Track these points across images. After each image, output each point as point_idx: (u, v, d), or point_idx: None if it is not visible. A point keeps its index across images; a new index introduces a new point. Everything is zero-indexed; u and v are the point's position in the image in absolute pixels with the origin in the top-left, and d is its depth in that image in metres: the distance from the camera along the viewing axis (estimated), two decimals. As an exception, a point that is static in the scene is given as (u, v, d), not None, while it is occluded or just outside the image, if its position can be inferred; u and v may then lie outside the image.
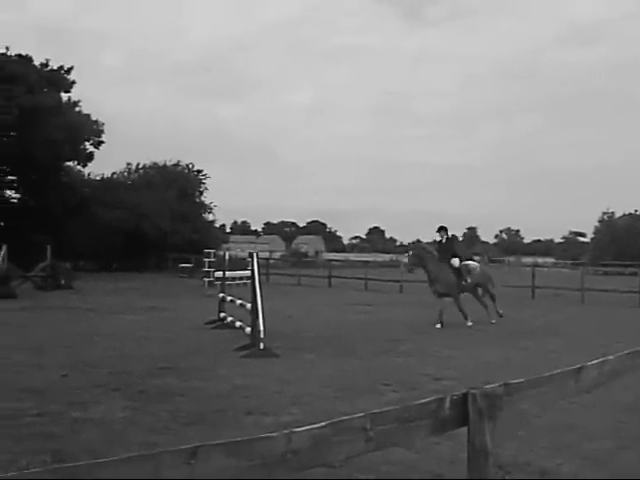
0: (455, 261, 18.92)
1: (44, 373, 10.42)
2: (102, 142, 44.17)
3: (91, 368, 10.90)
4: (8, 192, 44.71)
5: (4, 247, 26.87)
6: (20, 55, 42.18)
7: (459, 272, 18.88)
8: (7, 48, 41.49)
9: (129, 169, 54.95)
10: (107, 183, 51.81)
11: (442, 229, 19.25)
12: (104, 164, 52.10)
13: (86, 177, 50.53)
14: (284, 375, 10.70)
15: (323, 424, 2.77)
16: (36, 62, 42.70)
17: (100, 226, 45.04)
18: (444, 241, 19.18)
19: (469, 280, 19.01)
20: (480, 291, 19.87)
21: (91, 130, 43.44)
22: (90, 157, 44.50)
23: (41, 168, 40.40)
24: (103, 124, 44.05)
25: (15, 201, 44.86)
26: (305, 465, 2.70)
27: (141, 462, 2.24)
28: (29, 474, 2.06)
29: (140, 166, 55.01)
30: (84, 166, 46.38)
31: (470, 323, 18.24)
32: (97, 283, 32.87)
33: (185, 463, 2.31)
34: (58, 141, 39.73)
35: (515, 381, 3.63)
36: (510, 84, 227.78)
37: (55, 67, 43.13)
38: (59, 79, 42.79)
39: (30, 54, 42.78)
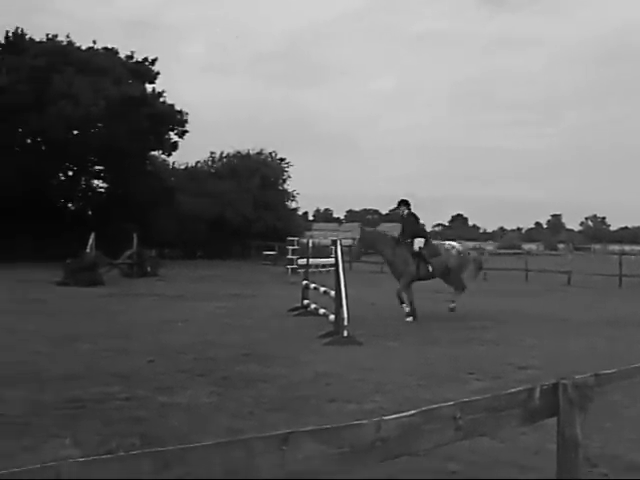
0: (417, 242, 16.80)
1: (131, 358, 10.64)
2: (186, 132, 44.70)
3: (176, 354, 11.09)
4: (96, 182, 45.75)
5: (92, 235, 27.51)
6: (106, 48, 43.00)
7: (420, 256, 16.74)
8: (94, 42, 42.40)
9: (213, 158, 55.63)
10: (191, 172, 52.55)
11: (402, 203, 17.19)
12: (188, 153, 52.89)
13: (171, 166, 51.34)
14: (367, 363, 10.69)
15: (412, 412, 2.75)
16: (121, 55, 43.49)
17: (184, 214, 45.76)
18: (405, 217, 17.18)
19: (431, 269, 16.83)
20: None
21: (175, 120, 43.99)
22: (174, 147, 45.10)
23: (127, 158, 41.16)
24: (187, 114, 44.59)
25: (102, 190, 45.85)
26: (394, 453, 2.69)
27: (233, 447, 2.26)
28: (124, 457, 2.10)
29: (223, 155, 55.63)
30: (169, 155, 47.11)
31: (409, 319, 16.25)
32: (181, 270, 33.38)
33: (277, 449, 2.32)
34: (143, 131, 40.41)
35: (606, 372, 3.55)
36: (595, 68, 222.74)
37: (140, 59, 43.84)
38: (144, 71, 43.47)
39: (116, 47, 43.64)
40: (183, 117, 44.39)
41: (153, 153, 46.20)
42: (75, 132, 40.31)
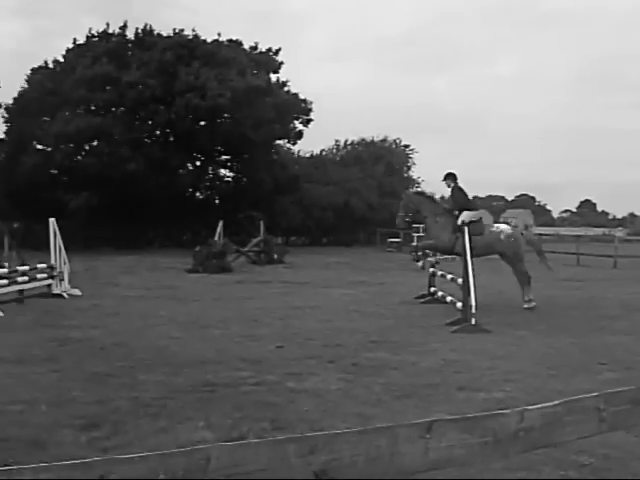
0: (464, 214, 15.40)
1: (260, 344, 10.77)
2: (311, 120, 45.10)
3: (305, 340, 11.15)
4: (222, 171, 46.69)
5: (220, 223, 28.10)
6: (231, 40, 43.80)
7: (461, 230, 14.59)
8: (219, 34, 43.28)
9: (337, 146, 55.93)
10: (316, 160, 52.97)
11: (448, 176, 16.11)
12: (313, 142, 53.36)
13: (296, 155, 51.87)
14: (496, 351, 10.47)
15: (556, 403, 2.64)
16: (246, 46, 44.19)
17: (310, 202, 46.19)
18: (452, 190, 16.01)
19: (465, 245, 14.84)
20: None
21: (300, 109, 44.43)
22: (299, 135, 45.55)
23: (253, 147, 41.84)
24: (311, 102, 44.97)
25: (229, 179, 46.76)
26: (536, 444, 2.59)
27: (377, 434, 2.21)
28: (271, 442, 2.09)
29: (348, 142, 55.84)
30: (294, 144, 47.63)
31: (421, 264, 16.06)
32: (307, 258, 33.67)
33: (420, 437, 2.26)
34: (269, 121, 40.98)
35: None
36: None
37: (264, 49, 44.44)
38: (268, 61, 44.04)
39: (240, 38, 44.38)
40: (307, 106, 44.78)
41: (278, 142, 46.78)
42: (202, 123, 41.27)
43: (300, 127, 45.25)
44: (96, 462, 1.67)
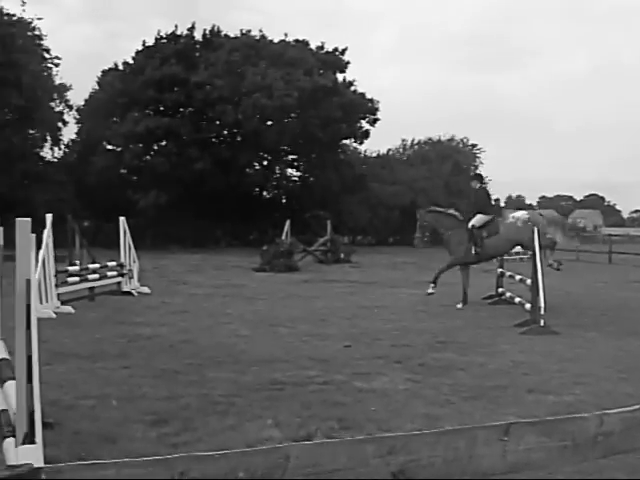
0: (475, 219, 15.59)
1: (328, 343, 10.75)
2: (377, 119, 44.96)
3: (372, 340, 11.10)
4: (290, 170, 46.88)
5: (287, 222, 28.24)
6: (297, 40, 43.95)
7: (472, 236, 15.47)
8: (285, 35, 43.49)
9: (404, 145, 55.67)
10: (383, 159, 52.81)
11: (475, 177, 16.68)
12: (379, 141, 53.20)
13: (362, 154, 51.77)
14: (565, 353, 10.28)
15: (636, 407, 2.56)
16: (312, 46, 44.30)
17: (376, 202, 46.07)
18: (476, 190, 16.23)
19: (477, 251, 15.50)
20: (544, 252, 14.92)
21: (366, 108, 44.33)
22: (366, 135, 45.45)
23: (320, 147, 41.95)
24: (378, 102, 44.83)
25: (296, 179, 46.93)
26: (615, 449, 2.51)
27: (455, 436, 2.17)
28: (350, 442, 2.07)
29: (415, 142, 55.55)
30: (360, 143, 47.53)
31: (459, 305, 15.59)
32: (374, 257, 33.60)
33: (498, 439, 2.21)
34: (335, 120, 41.02)
35: None
36: None
37: (330, 49, 44.47)
38: (334, 60, 44.06)
39: (306, 38, 44.51)
40: (374, 105, 44.67)
41: (345, 141, 46.77)
42: (269, 123, 41.48)
43: (367, 126, 45.16)
44: (177, 459, 1.67)
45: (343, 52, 44.51)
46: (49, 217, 14.15)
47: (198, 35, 43.26)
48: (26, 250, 4.07)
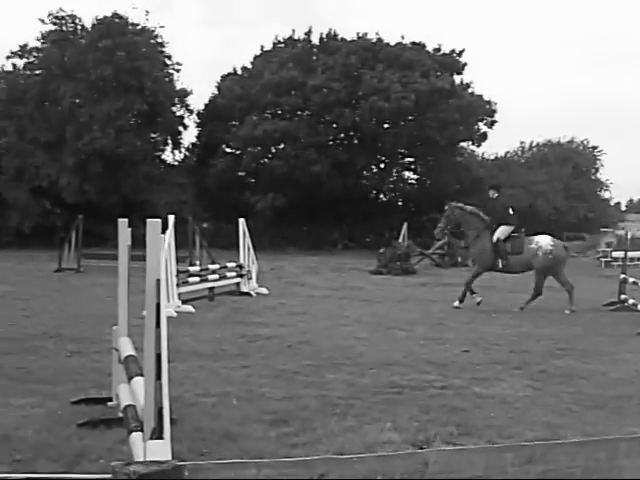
0: (499, 231, 15.71)
1: (446, 347, 10.67)
2: (495, 122, 44.22)
3: (491, 345, 10.95)
4: (406, 173, 46.63)
5: (404, 225, 28.16)
6: (414, 42, 43.70)
7: (498, 248, 15.55)
8: (402, 37, 43.31)
9: (522, 147, 54.58)
10: (501, 162, 51.92)
11: (492, 187, 16.98)
12: (497, 144, 52.31)
13: (480, 157, 51.06)
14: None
15: None
16: (429, 48, 43.97)
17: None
18: (493, 200, 16.55)
19: (505, 264, 15.64)
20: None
21: (484, 110, 43.66)
22: (484, 137, 44.75)
23: (437, 149, 41.57)
24: (496, 104, 44.09)
25: (413, 182, 46.65)
26: None
27: (596, 447, 2.11)
28: (488, 449, 2.05)
29: (533, 144, 54.42)
30: (478, 146, 46.80)
31: (456, 303, 15.71)
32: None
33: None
34: (453, 123, 40.58)
35: None
36: None
37: (447, 51, 44.05)
38: (451, 62, 43.59)
39: (423, 41, 44.19)
40: (492, 107, 43.98)
41: (462, 144, 46.23)
42: (386, 126, 41.43)
43: (485, 129, 44.47)
44: (317, 461, 1.68)
45: (460, 54, 44.02)
46: (171, 218, 14.52)
47: (315, 39, 43.61)
48: (156, 250, 4.19)
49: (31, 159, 37.87)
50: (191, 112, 43.12)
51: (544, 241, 15.94)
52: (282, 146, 41.11)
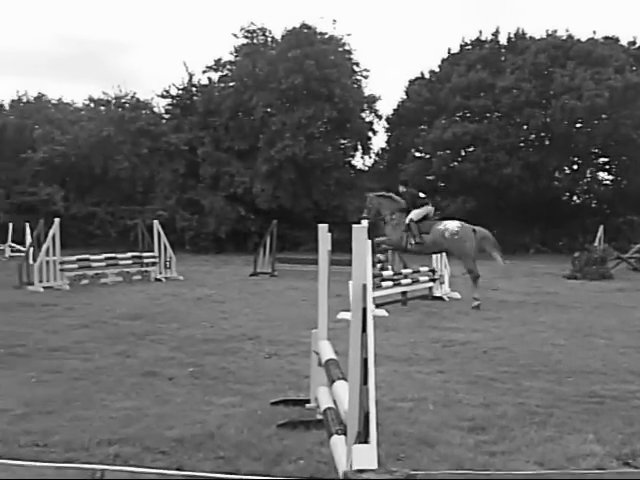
0: (412, 213, 16.91)
1: None
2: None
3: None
4: (601, 174, 44.90)
5: (600, 228, 27.24)
6: (607, 37, 42.09)
7: (410, 228, 16.68)
8: (594, 32, 41.82)
9: None
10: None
11: (402, 182, 18.96)
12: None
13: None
14: None
15: None
16: (623, 41, 42.20)
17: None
18: (402, 193, 17.77)
19: (415, 243, 16.59)
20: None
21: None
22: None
23: (633, 148, 39.71)
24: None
25: (608, 183, 44.88)
26: None
27: None
28: None
29: None
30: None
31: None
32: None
33: None
34: (648, 119, 38.79)
35: None
36: None
37: (642, 44, 42.11)
38: (647, 56, 41.65)
39: (616, 35, 42.46)
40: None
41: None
42: (578, 125, 40.13)
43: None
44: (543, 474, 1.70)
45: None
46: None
47: (503, 39, 42.89)
48: (362, 255, 4.32)
49: (226, 167, 39.62)
50: (380, 117, 43.62)
51: (451, 224, 16.79)
52: (472, 149, 40.76)
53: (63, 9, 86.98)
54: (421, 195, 17.61)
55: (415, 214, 16.93)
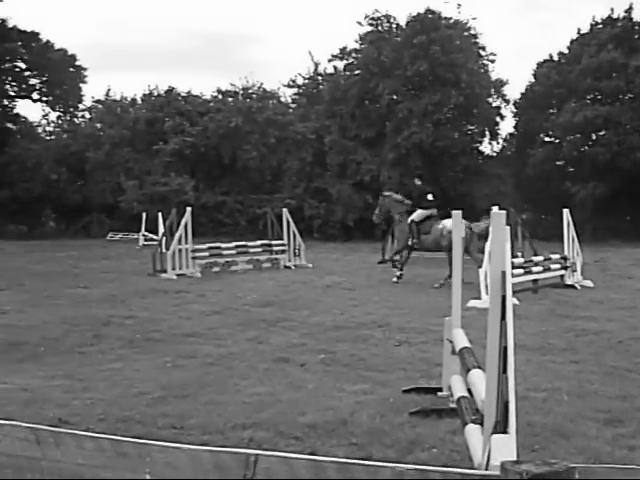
0: (416, 214, 17.74)
1: None
2: None
3: None
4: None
5: None
6: None
7: (411, 228, 17.65)
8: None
9: None
10: None
11: (417, 176, 19.64)
12: None
13: None
14: None
15: None
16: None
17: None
18: (416, 187, 18.69)
19: (417, 241, 17.60)
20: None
21: None
22: None
23: None
24: None
25: None
26: None
27: None
28: None
29: None
30: None
31: (395, 279, 17.80)
32: None
33: None
34: None
35: None
36: None
37: None
38: None
39: None
40: None
41: None
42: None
43: None
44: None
45: None
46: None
47: (637, 16, 41.26)
48: (501, 242, 4.28)
49: (353, 155, 39.75)
50: (507, 102, 42.81)
51: (449, 222, 16.10)
52: (603, 132, 39.41)
53: (191, 4, 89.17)
54: (429, 197, 18.11)
55: (417, 215, 17.73)
